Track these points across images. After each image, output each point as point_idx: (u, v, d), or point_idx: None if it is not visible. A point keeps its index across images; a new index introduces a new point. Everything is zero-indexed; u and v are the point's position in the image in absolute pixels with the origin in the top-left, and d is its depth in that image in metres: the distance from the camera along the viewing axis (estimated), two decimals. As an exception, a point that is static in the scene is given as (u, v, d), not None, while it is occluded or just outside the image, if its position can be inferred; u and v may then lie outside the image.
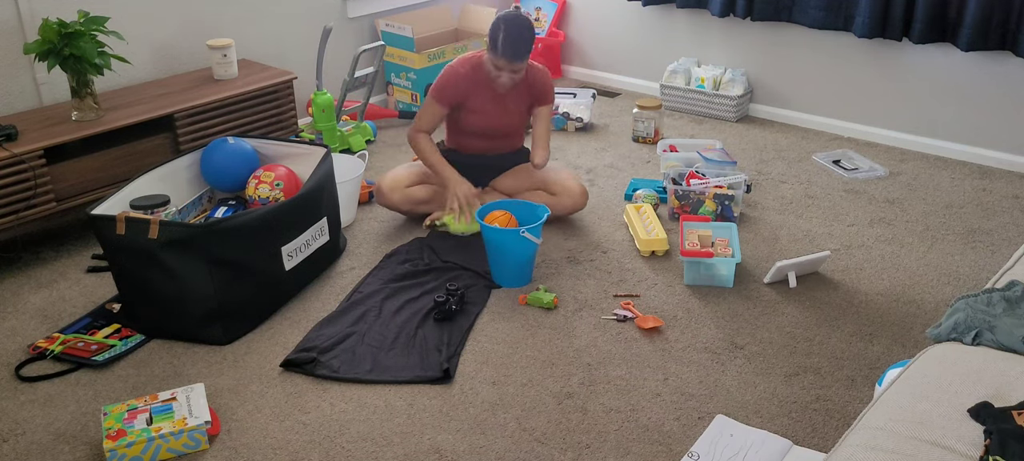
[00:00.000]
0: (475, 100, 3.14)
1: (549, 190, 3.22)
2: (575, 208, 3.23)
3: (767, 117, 4.40)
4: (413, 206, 3.22)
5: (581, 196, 3.21)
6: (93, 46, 2.95)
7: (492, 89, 3.13)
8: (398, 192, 3.18)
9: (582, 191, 3.22)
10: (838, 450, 1.54)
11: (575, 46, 5.03)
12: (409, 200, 3.20)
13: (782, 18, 4.10)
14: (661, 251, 3.02)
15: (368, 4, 4.37)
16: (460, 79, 3.10)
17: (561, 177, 3.24)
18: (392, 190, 3.17)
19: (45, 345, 2.51)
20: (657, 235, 3.02)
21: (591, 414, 2.24)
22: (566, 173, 3.27)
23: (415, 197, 3.21)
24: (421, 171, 3.24)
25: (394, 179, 3.20)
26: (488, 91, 3.13)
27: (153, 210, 2.65)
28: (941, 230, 3.21)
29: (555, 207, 3.18)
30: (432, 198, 3.24)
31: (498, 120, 3.19)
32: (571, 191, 3.20)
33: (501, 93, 3.13)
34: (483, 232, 2.81)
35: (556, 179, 3.23)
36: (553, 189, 3.22)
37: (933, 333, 1.90)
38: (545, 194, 3.21)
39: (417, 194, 3.21)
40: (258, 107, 3.47)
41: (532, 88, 3.17)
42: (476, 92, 3.13)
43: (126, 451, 2.05)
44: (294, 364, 2.42)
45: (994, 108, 3.71)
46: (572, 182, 3.22)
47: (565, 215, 3.25)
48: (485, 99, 3.14)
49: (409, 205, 3.21)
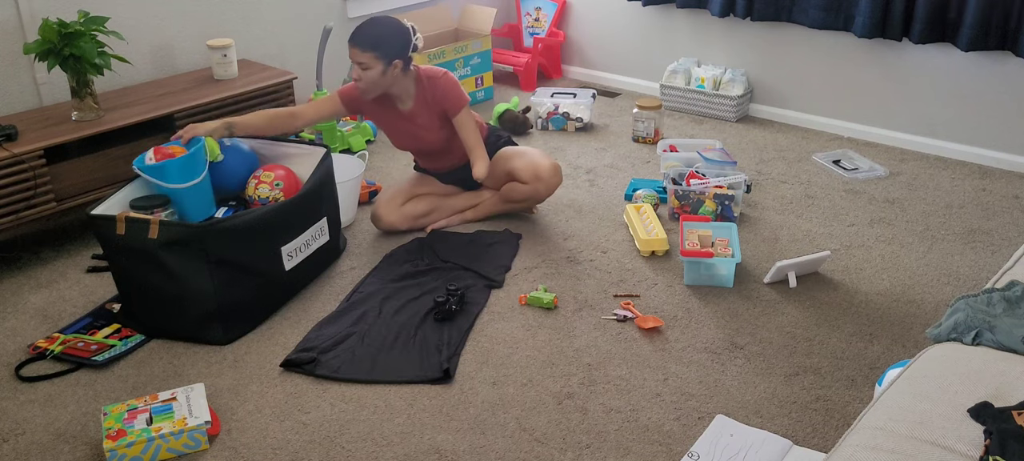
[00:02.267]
0: (380, 118, 3.09)
1: (520, 179, 3.12)
2: (551, 189, 3.14)
3: (767, 117, 4.40)
4: (413, 222, 3.19)
5: (553, 175, 3.10)
6: (93, 46, 2.95)
7: (394, 110, 3.06)
8: (395, 213, 3.15)
9: (552, 168, 3.10)
10: (838, 450, 1.54)
11: (575, 46, 5.03)
12: (407, 218, 3.17)
13: (782, 18, 4.10)
14: (661, 251, 3.02)
15: (368, 4, 4.37)
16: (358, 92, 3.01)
17: (528, 162, 3.11)
18: (388, 212, 3.15)
19: (45, 345, 2.51)
20: (657, 235, 3.02)
21: (591, 414, 2.24)
22: (533, 155, 3.13)
23: (412, 213, 3.18)
24: (413, 186, 3.23)
25: (388, 200, 3.17)
26: (390, 111, 3.07)
27: (153, 210, 2.65)
28: (941, 230, 3.21)
29: (533, 195, 3.13)
30: (432, 210, 3.23)
31: (415, 140, 3.11)
32: (540, 175, 3.08)
33: (405, 113, 3.05)
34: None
35: (523, 166, 3.10)
36: (523, 177, 3.11)
37: (933, 333, 1.90)
38: (519, 185, 3.13)
39: (414, 209, 3.19)
40: (258, 107, 3.47)
41: (435, 101, 3.02)
42: (376, 109, 3.07)
43: (126, 451, 2.05)
44: (294, 364, 2.42)
45: (994, 108, 3.71)
46: (541, 163, 3.09)
47: (548, 195, 3.17)
48: (387, 119, 3.08)
49: (408, 223, 3.18)
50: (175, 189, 2.72)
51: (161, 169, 2.70)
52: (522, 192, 3.14)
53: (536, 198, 3.18)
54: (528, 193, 3.14)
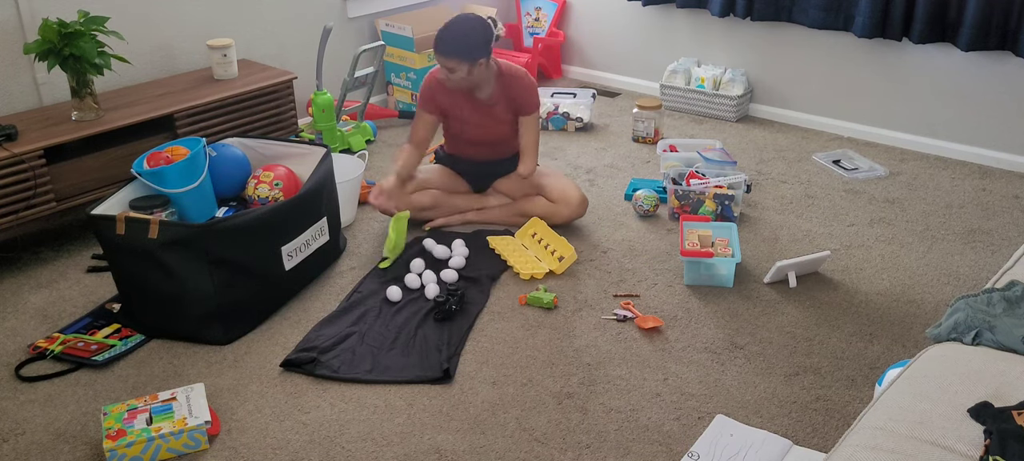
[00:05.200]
0: (457, 108, 3.12)
1: (548, 197, 3.19)
2: (573, 217, 3.18)
3: (767, 117, 4.40)
4: (417, 213, 3.20)
5: (579, 205, 3.17)
6: (93, 46, 2.95)
7: (473, 98, 3.11)
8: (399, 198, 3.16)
9: (581, 200, 3.17)
10: (838, 450, 1.54)
11: (575, 46, 5.03)
12: (413, 207, 3.18)
13: (782, 18, 4.10)
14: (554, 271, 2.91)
15: (368, 4, 4.37)
16: (434, 84, 3.10)
17: (561, 185, 3.20)
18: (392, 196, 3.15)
19: (45, 345, 2.51)
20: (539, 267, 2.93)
21: (591, 414, 2.24)
22: (567, 182, 3.21)
23: (418, 204, 3.19)
24: (422, 178, 3.23)
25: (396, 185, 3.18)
26: (468, 101, 3.11)
27: (153, 210, 2.65)
28: (941, 230, 3.21)
29: (553, 215, 3.16)
30: (435, 203, 3.23)
31: (484, 131, 3.16)
32: (569, 200, 3.16)
33: (485, 103, 3.10)
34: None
35: (555, 185, 3.19)
36: (551, 196, 3.18)
37: (933, 333, 1.90)
38: (544, 201, 3.19)
39: (420, 201, 3.20)
40: (258, 107, 3.47)
41: (514, 99, 3.11)
42: (454, 99, 3.11)
43: (126, 451, 2.05)
44: (294, 364, 2.42)
45: (994, 108, 3.71)
46: (572, 191, 3.17)
47: (563, 223, 3.20)
48: (467, 108, 3.12)
49: (413, 213, 3.18)
50: (175, 193, 2.72)
51: (160, 174, 2.70)
52: (544, 209, 3.16)
53: (554, 219, 3.17)
54: (550, 212, 3.16)
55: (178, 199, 2.74)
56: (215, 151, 2.92)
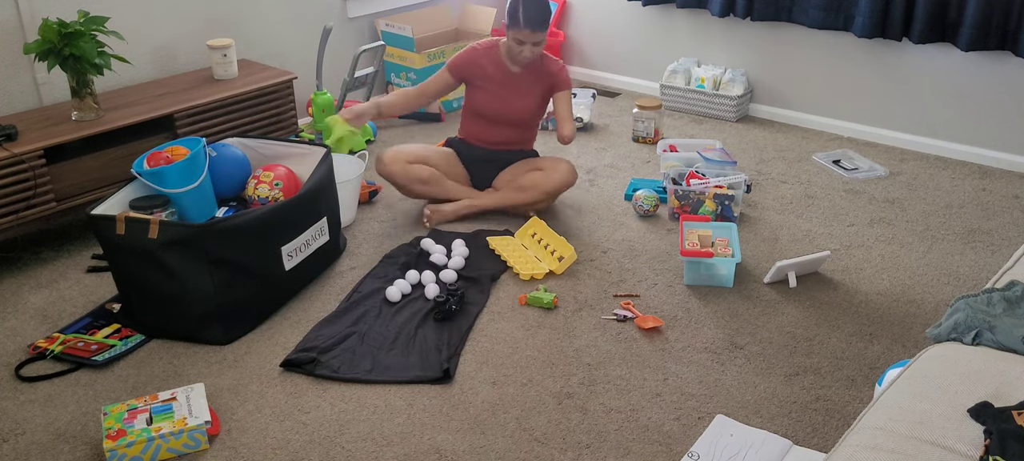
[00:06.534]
0: (487, 81, 3.23)
1: (539, 168, 3.30)
2: (564, 183, 3.27)
3: (767, 117, 4.40)
4: (410, 182, 3.25)
5: (569, 173, 3.26)
6: (93, 46, 2.95)
7: (505, 72, 3.22)
8: (398, 164, 3.23)
9: (570, 168, 3.28)
10: (838, 450, 1.54)
11: (575, 46, 5.03)
12: (407, 175, 3.24)
13: (782, 18, 4.10)
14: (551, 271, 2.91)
15: (368, 4, 4.37)
16: (477, 53, 3.24)
17: (552, 158, 3.34)
18: (393, 160, 3.23)
19: (45, 345, 2.51)
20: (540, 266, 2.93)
21: (591, 414, 2.24)
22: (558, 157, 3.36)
23: (414, 174, 3.25)
24: (424, 152, 3.31)
25: (397, 151, 3.27)
26: (501, 74, 3.23)
27: (153, 210, 2.65)
28: (941, 230, 3.21)
29: (544, 183, 3.24)
30: (430, 179, 3.27)
31: (509, 103, 3.25)
32: (559, 166, 3.27)
33: (514, 76, 3.21)
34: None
35: (546, 158, 3.35)
36: (542, 165, 3.30)
37: (933, 333, 1.90)
38: (536, 172, 3.28)
39: (417, 172, 3.25)
40: (258, 107, 3.47)
41: (549, 74, 3.24)
42: (488, 71, 3.22)
43: (126, 451, 2.05)
44: (294, 364, 2.42)
45: (994, 108, 3.71)
46: (562, 161, 3.30)
47: (557, 191, 3.28)
48: (497, 82, 3.23)
49: (406, 180, 3.25)
50: (175, 193, 2.72)
51: (160, 174, 2.70)
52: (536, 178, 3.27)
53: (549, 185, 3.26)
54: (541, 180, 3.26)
55: (178, 199, 2.74)
56: (215, 151, 2.92)
